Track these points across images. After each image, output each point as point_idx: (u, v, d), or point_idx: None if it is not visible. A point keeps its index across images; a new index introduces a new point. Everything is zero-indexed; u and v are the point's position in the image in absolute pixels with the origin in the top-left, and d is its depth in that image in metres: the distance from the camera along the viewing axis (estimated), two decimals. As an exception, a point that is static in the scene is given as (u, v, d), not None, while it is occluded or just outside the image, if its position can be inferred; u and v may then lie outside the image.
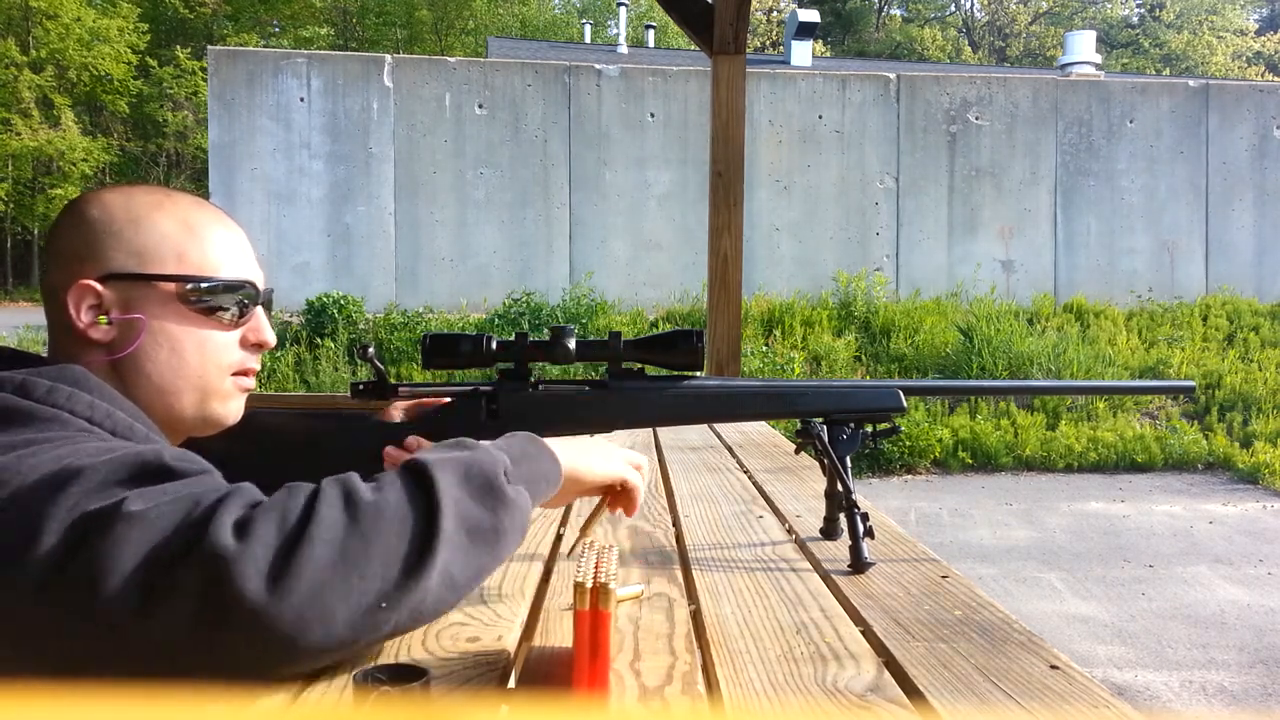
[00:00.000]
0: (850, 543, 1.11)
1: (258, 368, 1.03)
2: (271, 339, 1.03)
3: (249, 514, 0.73)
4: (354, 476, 0.80)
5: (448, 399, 1.18)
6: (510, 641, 0.84)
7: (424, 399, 1.19)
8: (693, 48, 15.45)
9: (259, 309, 1.02)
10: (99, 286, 0.92)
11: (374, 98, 10.64)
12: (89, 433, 0.85)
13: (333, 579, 0.71)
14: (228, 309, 0.98)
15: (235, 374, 1.00)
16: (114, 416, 0.88)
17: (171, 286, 0.94)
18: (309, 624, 0.70)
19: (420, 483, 0.79)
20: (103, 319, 0.92)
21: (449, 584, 0.77)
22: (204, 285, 0.96)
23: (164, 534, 0.71)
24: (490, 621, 0.90)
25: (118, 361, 0.94)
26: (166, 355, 0.95)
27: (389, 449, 1.13)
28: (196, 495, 0.74)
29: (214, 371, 0.98)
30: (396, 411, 1.19)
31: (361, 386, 1.16)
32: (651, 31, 23.79)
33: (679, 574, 1.10)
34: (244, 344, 1.01)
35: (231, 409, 1.01)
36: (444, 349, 1.14)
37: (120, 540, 0.70)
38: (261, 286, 1.02)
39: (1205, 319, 10.91)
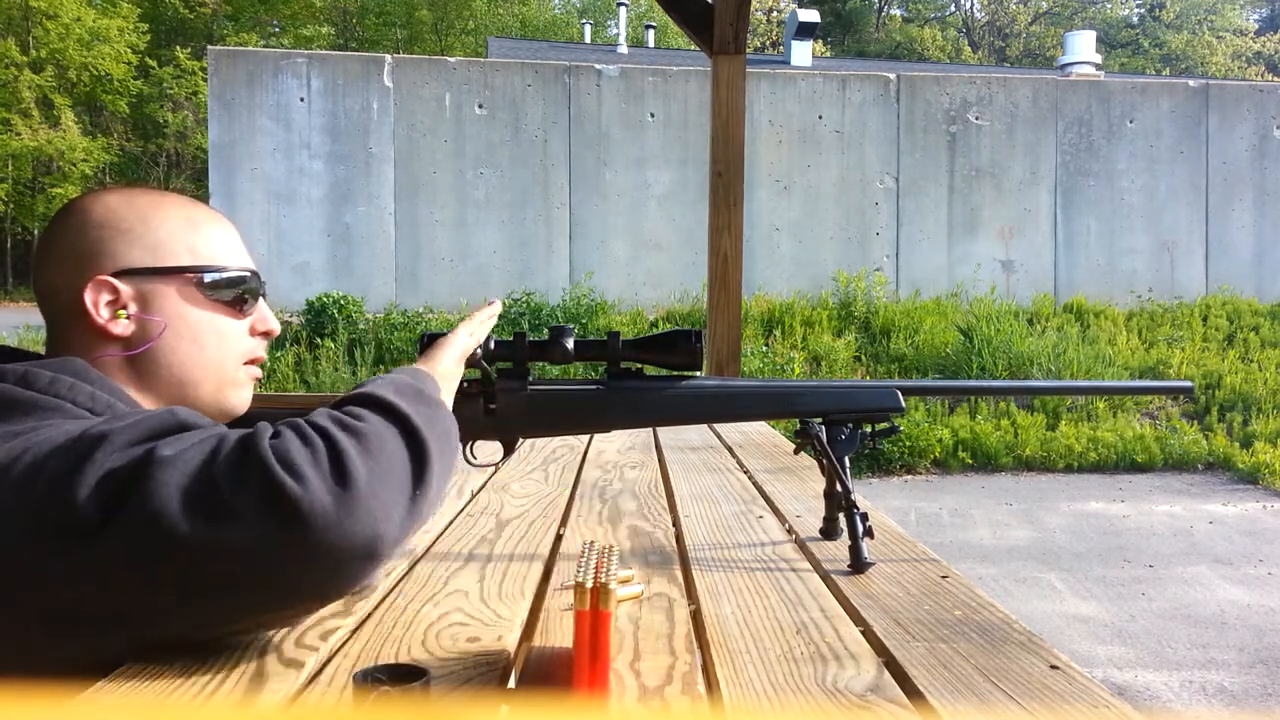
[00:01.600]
0: (850, 543, 1.11)
1: (265, 357, 1.07)
2: (277, 327, 1.07)
3: (284, 439, 0.77)
4: (320, 412, 0.84)
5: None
6: (510, 641, 0.84)
7: None
8: (693, 48, 15.44)
9: (261, 299, 1.06)
10: (116, 282, 0.94)
11: (374, 98, 10.64)
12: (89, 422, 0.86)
13: (377, 482, 0.77)
14: (238, 298, 1.02)
15: (246, 363, 1.04)
16: (115, 408, 0.90)
17: (189, 278, 0.98)
18: (378, 521, 0.76)
19: (378, 403, 0.84)
20: (122, 314, 0.94)
21: (444, 474, 0.87)
22: (218, 276, 0.99)
23: (198, 465, 0.74)
24: (490, 621, 0.90)
25: (135, 356, 0.96)
26: (188, 345, 0.98)
27: None
28: (220, 434, 0.78)
29: (230, 360, 1.01)
30: None
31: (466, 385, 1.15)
32: (651, 31, 23.78)
33: (679, 574, 1.10)
34: (252, 333, 1.04)
35: (244, 397, 1.04)
36: (443, 348, 1.14)
37: (162, 482, 0.73)
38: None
39: (1205, 319, 10.91)
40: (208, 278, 0.99)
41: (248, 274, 1.03)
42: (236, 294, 1.01)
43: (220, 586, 0.74)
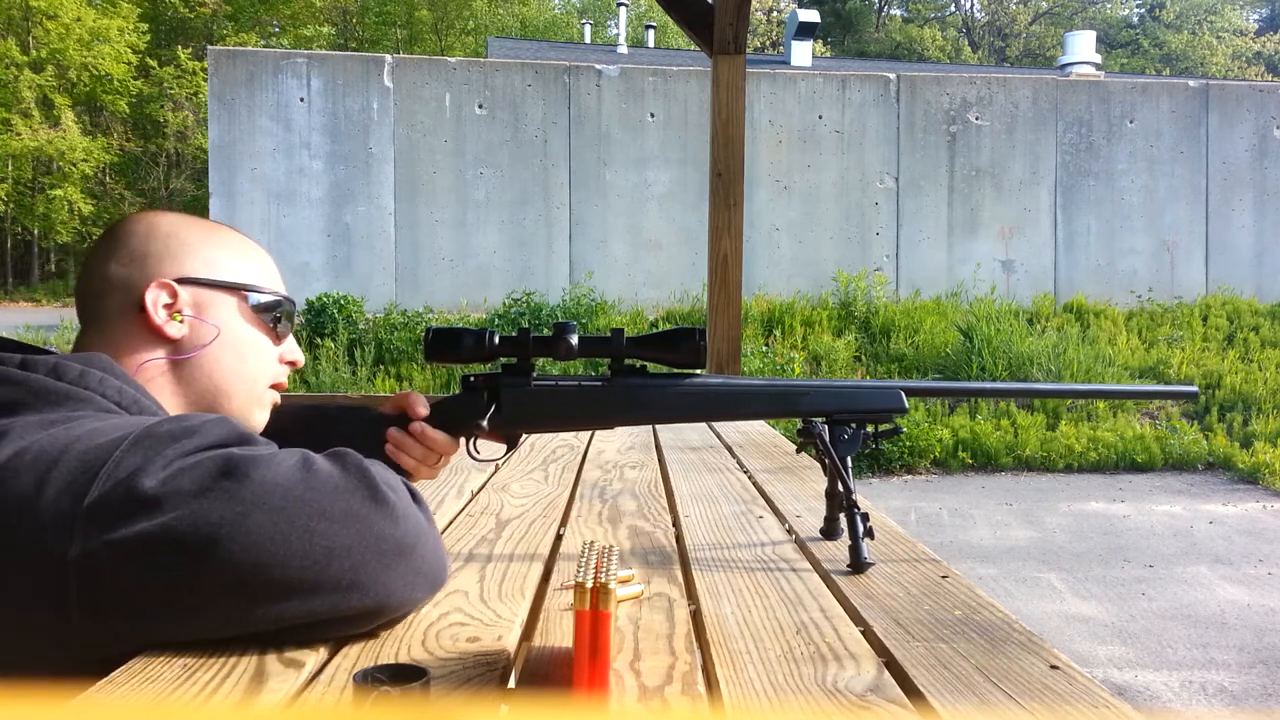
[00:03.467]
0: (850, 543, 1.11)
1: (287, 384, 1.13)
2: (302, 359, 1.14)
3: (373, 463, 0.86)
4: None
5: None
6: (510, 641, 0.84)
7: (410, 393, 1.21)
8: (693, 48, 15.46)
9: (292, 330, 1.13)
10: (177, 286, 1.00)
11: (374, 98, 10.64)
12: (119, 415, 0.88)
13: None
14: (276, 321, 1.08)
15: (270, 385, 1.10)
16: (140, 403, 0.92)
17: (241, 294, 1.05)
18: (443, 551, 0.89)
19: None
20: (178, 316, 0.99)
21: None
22: (264, 298, 1.06)
23: (292, 468, 0.79)
24: (490, 621, 0.90)
25: (180, 359, 1.01)
26: (231, 357, 1.04)
27: (392, 431, 1.14)
28: (298, 449, 0.84)
29: (262, 379, 1.07)
30: (391, 408, 1.20)
31: None
32: (651, 31, 23.79)
33: (679, 574, 1.10)
34: (280, 360, 1.11)
35: (263, 418, 1.10)
36: (447, 343, 1.14)
37: (259, 482, 0.77)
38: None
39: (1205, 319, 10.91)
40: (256, 298, 1.06)
41: (288, 301, 1.11)
42: (276, 317, 1.08)
43: (302, 587, 0.77)
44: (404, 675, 0.66)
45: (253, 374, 1.06)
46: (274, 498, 0.76)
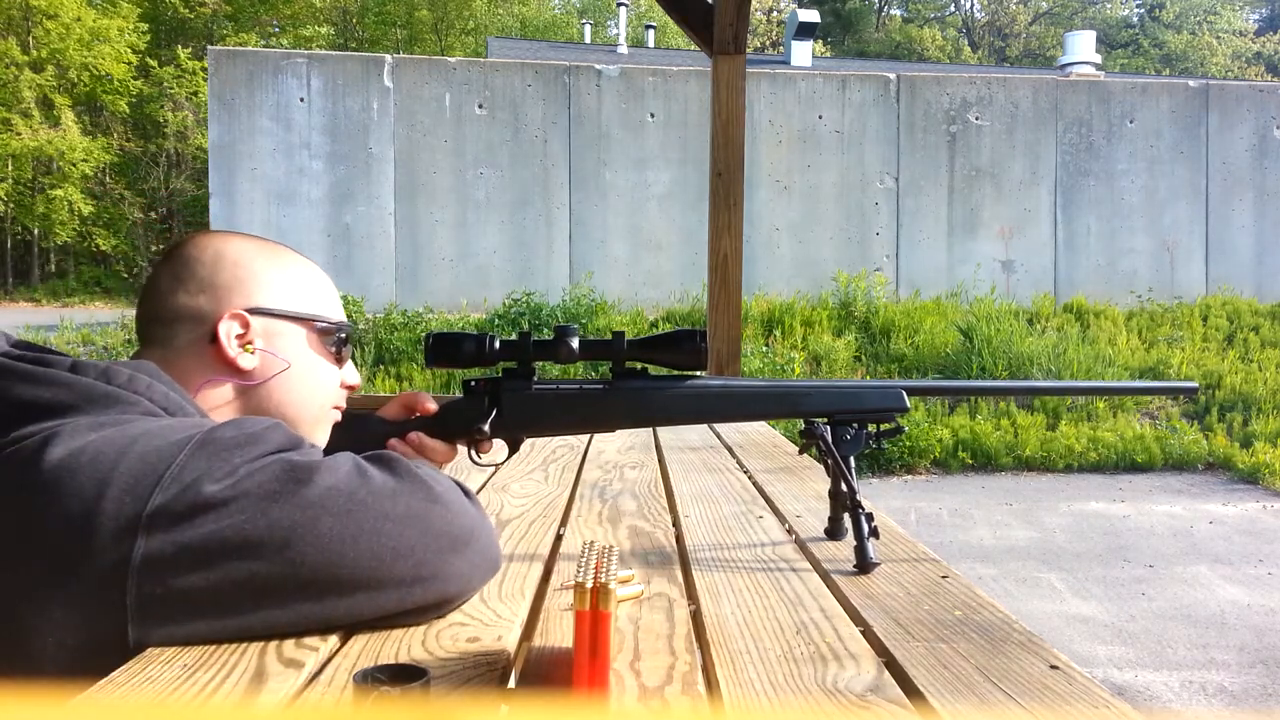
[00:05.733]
0: (855, 543, 1.10)
1: (344, 405, 1.15)
2: (359, 381, 1.16)
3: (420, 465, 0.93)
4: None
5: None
6: (510, 641, 0.84)
7: (416, 392, 1.21)
8: (693, 48, 15.45)
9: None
10: (249, 318, 1.00)
11: (374, 98, 10.64)
12: (165, 418, 0.90)
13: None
14: (339, 347, 1.10)
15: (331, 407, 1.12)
16: (185, 408, 0.94)
17: (311, 324, 1.06)
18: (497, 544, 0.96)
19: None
20: (249, 348, 1.00)
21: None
22: (329, 325, 1.08)
23: (348, 472, 0.83)
24: (490, 621, 0.90)
25: (249, 387, 1.02)
26: (300, 386, 1.05)
27: (392, 442, 1.14)
28: (348, 455, 0.88)
29: (326, 403, 1.10)
30: (396, 409, 1.20)
31: None
32: (651, 31, 23.79)
33: (679, 574, 1.10)
34: (341, 384, 1.13)
35: (325, 437, 1.12)
36: (447, 348, 1.14)
37: (321, 486, 0.81)
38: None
39: (1205, 319, 10.91)
40: (322, 326, 1.07)
41: (348, 325, 1.12)
42: (339, 341, 1.10)
43: (369, 585, 0.81)
44: (404, 675, 0.66)
45: (319, 401, 1.08)
46: (339, 502, 0.80)
